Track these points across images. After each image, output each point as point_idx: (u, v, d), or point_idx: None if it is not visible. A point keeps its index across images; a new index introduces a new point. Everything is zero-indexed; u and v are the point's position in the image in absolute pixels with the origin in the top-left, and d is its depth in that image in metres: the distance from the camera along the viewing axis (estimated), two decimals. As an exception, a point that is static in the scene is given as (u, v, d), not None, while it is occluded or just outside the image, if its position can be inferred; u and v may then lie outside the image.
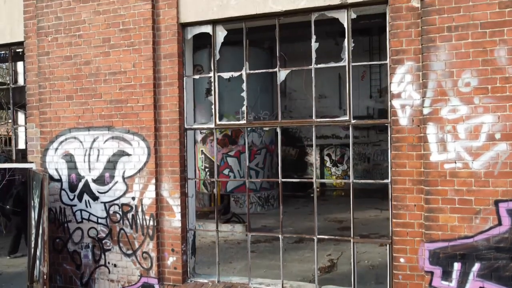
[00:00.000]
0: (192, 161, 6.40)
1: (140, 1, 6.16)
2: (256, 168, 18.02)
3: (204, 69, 16.17)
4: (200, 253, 8.59)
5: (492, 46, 4.76)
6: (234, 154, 17.68)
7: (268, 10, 5.71)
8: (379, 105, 23.05)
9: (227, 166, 17.78)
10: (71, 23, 6.55)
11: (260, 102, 17.70)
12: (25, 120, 7.06)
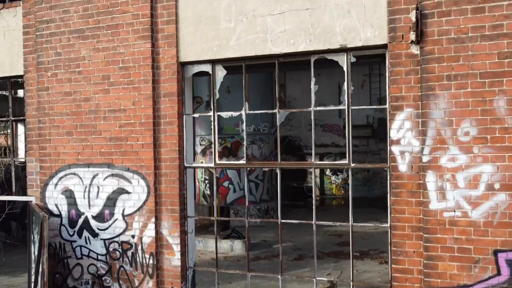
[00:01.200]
0: (192, 199, 6.41)
1: (139, 40, 6.17)
2: (256, 180, 18.02)
3: (203, 100, 16.12)
4: (200, 272, 8.58)
5: (492, 96, 4.77)
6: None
7: (267, 52, 5.72)
8: (378, 113, 23.05)
9: (227, 178, 17.78)
10: (71, 59, 6.55)
11: (260, 114, 17.70)
12: (24, 133, 7.07)
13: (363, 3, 5.33)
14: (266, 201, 17.95)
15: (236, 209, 17.47)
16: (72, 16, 6.53)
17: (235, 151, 17.60)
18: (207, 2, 5.98)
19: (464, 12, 4.84)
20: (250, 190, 17.18)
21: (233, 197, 17.42)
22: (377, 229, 14.90)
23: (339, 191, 24.10)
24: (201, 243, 11.98)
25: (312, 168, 5.85)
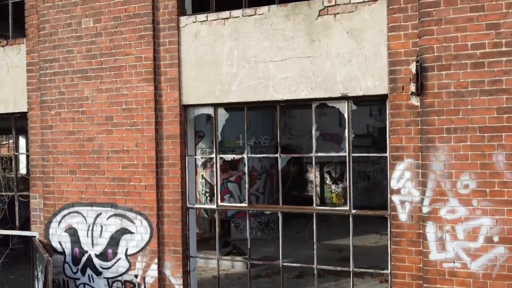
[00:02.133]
0: (194, 238, 6.48)
1: (142, 82, 6.24)
2: (256, 193, 18.06)
3: (205, 133, 16.04)
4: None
5: (491, 150, 4.83)
6: (235, 179, 17.73)
7: (269, 98, 5.79)
8: (379, 123, 23.10)
9: (228, 191, 17.82)
10: (74, 99, 6.61)
11: (261, 127, 17.75)
12: (26, 145, 7.09)
13: (363, 53, 5.39)
14: (267, 214, 18.03)
15: (236, 222, 17.54)
16: (76, 56, 6.59)
17: (236, 165, 17.67)
18: (209, 47, 6.05)
19: (463, 67, 4.90)
20: (251, 202, 17.23)
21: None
22: (377, 243, 14.96)
23: (339, 200, 24.17)
24: (202, 259, 12.05)
25: (313, 212, 5.92)
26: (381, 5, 5.32)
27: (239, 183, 17.68)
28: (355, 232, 5.84)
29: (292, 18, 5.67)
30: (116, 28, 6.36)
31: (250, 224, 17.31)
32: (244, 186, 17.51)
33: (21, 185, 7.93)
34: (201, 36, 6.08)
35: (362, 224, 16.67)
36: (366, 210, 6.04)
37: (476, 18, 4.86)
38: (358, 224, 6.18)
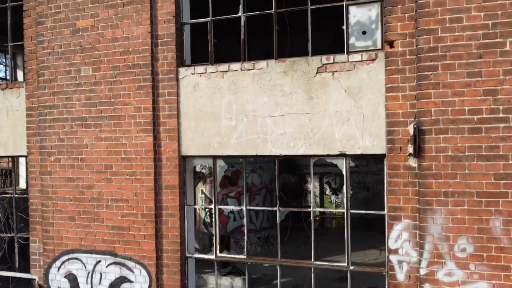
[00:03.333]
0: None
1: (141, 133, 6.26)
2: (256, 208, 18.07)
3: (204, 175, 15.96)
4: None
5: (488, 215, 4.85)
6: (234, 195, 17.74)
7: (267, 152, 5.81)
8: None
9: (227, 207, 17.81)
10: (74, 146, 6.64)
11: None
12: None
13: (361, 112, 5.42)
14: (266, 229, 18.03)
15: (236, 238, 17.56)
16: (75, 104, 6.62)
17: (235, 180, 17.67)
18: (208, 99, 6.07)
19: (461, 131, 4.92)
20: (250, 218, 17.25)
21: (234, 225, 17.46)
22: (376, 260, 14.97)
23: (338, 210, 24.15)
24: (201, 279, 12.07)
25: (311, 267, 5.94)
26: (379, 65, 5.34)
27: (239, 199, 17.71)
28: (353, 248, 5.81)
29: (290, 74, 5.69)
30: (115, 77, 6.38)
31: (250, 239, 17.32)
32: (243, 203, 17.49)
33: (21, 223, 7.95)
34: (200, 88, 6.10)
35: (362, 238, 16.63)
36: (364, 266, 6.06)
37: (473, 83, 4.88)
38: (356, 239, 6.10)
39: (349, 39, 5.59)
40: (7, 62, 7.19)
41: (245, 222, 6.35)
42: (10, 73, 7.38)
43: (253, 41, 7.28)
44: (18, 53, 11.71)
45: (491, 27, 4.82)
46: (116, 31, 6.37)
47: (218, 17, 6.24)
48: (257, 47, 11.33)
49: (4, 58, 15.42)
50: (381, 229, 11.01)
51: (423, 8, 5.02)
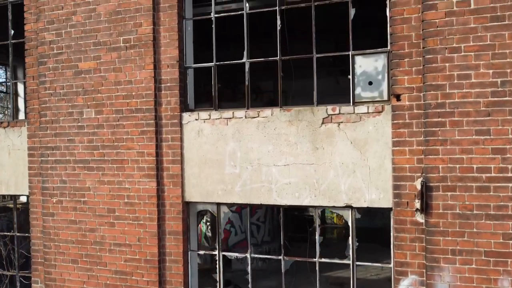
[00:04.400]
0: (197, 332, 6.46)
1: (145, 178, 6.20)
2: (257, 222, 17.99)
3: (208, 211, 15.78)
4: None
5: (496, 275, 4.79)
6: (236, 209, 17.69)
7: (272, 202, 5.75)
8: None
9: (229, 221, 17.75)
10: (76, 188, 6.58)
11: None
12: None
13: (368, 164, 5.36)
14: (268, 243, 17.97)
15: (237, 253, 17.48)
16: (77, 146, 6.56)
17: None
18: (212, 145, 6.01)
19: (469, 189, 4.86)
20: (252, 232, 17.18)
21: (235, 240, 17.41)
22: (378, 276, 14.90)
23: (340, 220, 24.07)
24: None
25: (316, 260, 5.90)
26: (386, 118, 5.28)
27: (240, 213, 17.67)
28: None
29: (295, 124, 5.63)
30: (118, 121, 6.32)
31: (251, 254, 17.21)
32: (245, 218, 17.46)
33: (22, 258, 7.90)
34: (204, 135, 6.04)
35: (362, 252, 16.55)
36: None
37: (482, 141, 4.82)
38: (358, 250, 5.96)
39: (355, 89, 5.53)
40: (8, 100, 7.07)
41: (249, 269, 6.28)
42: (12, 111, 7.29)
43: (258, 85, 7.26)
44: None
45: (500, 85, 4.75)
46: (119, 75, 6.31)
47: (222, 62, 6.18)
48: (262, 91, 11.32)
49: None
50: (381, 242, 10.77)
51: (431, 63, 4.96)
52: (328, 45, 10.91)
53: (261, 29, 8.18)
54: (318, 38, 5.78)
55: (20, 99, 10.55)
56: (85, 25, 6.48)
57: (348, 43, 5.55)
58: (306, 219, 22.02)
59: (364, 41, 6.25)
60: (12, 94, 7.28)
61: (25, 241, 7.53)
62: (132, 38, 6.23)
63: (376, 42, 6.49)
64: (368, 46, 5.54)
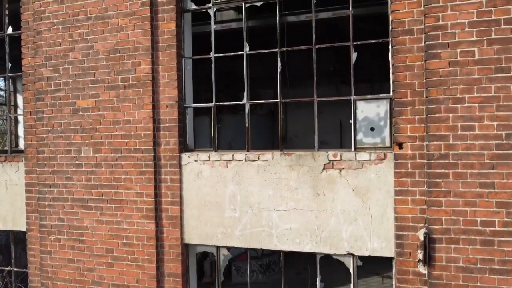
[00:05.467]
0: None
1: (143, 219, 6.12)
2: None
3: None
4: None
5: (501, 329, 4.71)
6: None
7: (272, 247, 5.68)
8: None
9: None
10: (74, 227, 6.50)
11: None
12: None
13: (369, 212, 5.28)
14: (268, 255, 17.91)
15: (238, 266, 17.42)
16: (75, 185, 6.48)
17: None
18: (211, 188, 5.93)
19: (473, 243, 4.78)
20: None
21: (235, 252, 17.34)
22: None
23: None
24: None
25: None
26: (388, 166, 5.20)
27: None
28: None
29: (296, 169, 5.55)
30: (117, 160, 6.24)
31: (251, 267, 17.17)
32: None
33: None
34: (203, 176, 5.96)
35: (362, 266, 16.44)
36: None
37: (486, 194, 4.73)
38: (357, 267, 5.88)
39: (356, 135, 5.45)
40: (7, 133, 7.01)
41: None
42: (9, 145, 7.22)
43: (259, 128, 7.21)
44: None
45: (505, 138, 4.66)
46: (118, 114, 6.23)
47: (222, 103, 6.11)
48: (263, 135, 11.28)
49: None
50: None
51: (434, 113, 4.87)
52: (330, 90, 10.99)
53: (262, 68, 8.13)
54: (320, 80, 5.70)
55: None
56: (83, 62, 6.40)
57: (350, 87, 5.47)
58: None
59: (367, 86, 6.19)
60: (10, 128, 7.21)
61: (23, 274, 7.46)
62: (130, 77, 6.15)
63: (379, 87, 6.44)
64: (370, 91, 5.46)
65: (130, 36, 6.13)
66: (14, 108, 13.54)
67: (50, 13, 6.57)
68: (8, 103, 7.02)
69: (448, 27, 4.83)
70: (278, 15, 5.77)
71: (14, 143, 13.43)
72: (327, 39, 6.37)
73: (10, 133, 7.20)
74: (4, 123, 18.65)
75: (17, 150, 7.52)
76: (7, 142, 7.20)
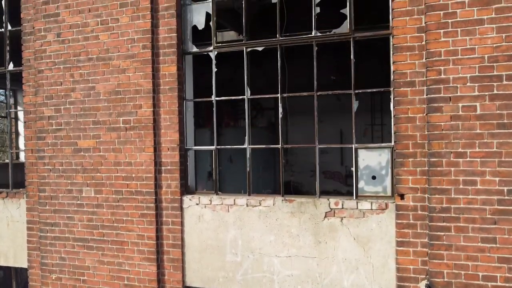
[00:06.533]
0: None
1: (145, 261, 6.12)
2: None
3: None
4: None
5: None
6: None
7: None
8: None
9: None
10: (75, 267, 6.50)
11: (262, 180, 17.57)
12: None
13: (371, 262, 5.27)
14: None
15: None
16: (77, 224, 6.48)
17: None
18: (213, 232, 5.93)
19: (474, 297, 4.78)
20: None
21: None
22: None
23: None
24: None
25: None
26: (390, 216, 5.20)
27: None
28: None
29: (297, 216, 5.55)
30: (118, 202, 6.24)
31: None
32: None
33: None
34: (204, 220, 5.96)
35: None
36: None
37: (487, 249, 4.73)
38: None
39: (358, 183, 5.44)
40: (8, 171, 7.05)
41: None
42: (10, 181, 7.22)
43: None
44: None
45: (507, 194, 4.67)
46: (119, 155, 6.23)
47: (223, 146, 6.10)
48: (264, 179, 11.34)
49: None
50: None
51: (436, 166, 4.87)
52: (334, 138, 11.07)
53: (263, 111, 8.16)
54: (321, 127, 5.70)
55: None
56: (84, 102, 6.40)
57: (352, 135, 5.47)
58: None
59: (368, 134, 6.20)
60: (11, 162, 7.21)
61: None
62: (132, 119, 6.14)
63: (380, 135, 6.45)
64: (372, 139, 5.44)
65: (132, 78, 6.13)
66: (15, 122, 13.57)
67: (51, 52, 6.56)
68: (10, 143, 7.01)
69: (450, 81, 4.83)
70: (280, 60, 5.77)
71: (15, 156, 13.47)
72: (329, 82, 6.37)
73: (11, 168, 7.17)
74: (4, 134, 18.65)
75: (18, 184, 7.50)
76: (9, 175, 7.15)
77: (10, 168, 7.26)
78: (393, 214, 5.17)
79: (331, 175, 24.31)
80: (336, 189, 13.52)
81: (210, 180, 6.17)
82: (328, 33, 5.54)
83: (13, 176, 7.31)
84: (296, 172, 12.70)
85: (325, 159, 20.74)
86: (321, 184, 5.69)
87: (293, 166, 12.49)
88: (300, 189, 12.13)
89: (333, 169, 23.66)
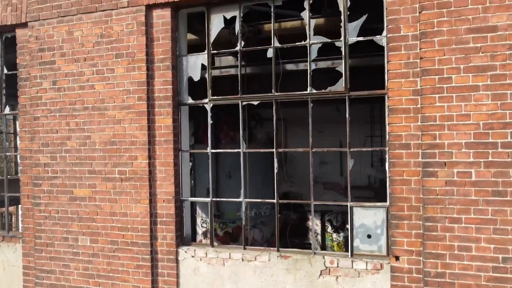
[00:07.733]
0: None
1: (140, 312, 6.12)
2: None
3: None
4: None
5: None
6: None
7: None
8: (380, 174, 22.86)
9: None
10: (72, 314, 6.50)
11: (262, 196, 17.55)
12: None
13: (366, 322, 5.26)
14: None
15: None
16: (73, 272, 6.47)
17: (236, 237, 17.50)
18: (208, 285, 5.91)
19: None
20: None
21: None
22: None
23: (340, 249, 24.04)
24: None
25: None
26: (385, 277, 5.18)
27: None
28: None
29: (293, 273, 5.54)
30: (114, 252, 6.23)
31: None
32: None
33: None
34: (200, 273, 5.95)
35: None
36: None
37: (482, 316, 4.72)
38: None
39: (353, 241, 5.43)
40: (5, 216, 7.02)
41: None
42: (6, 224, 7.21)
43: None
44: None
45: (502, 261, 4.66)
46: (114, 206, 6.22)
47: (218, 199, 6.11)
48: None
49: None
50: None
51: (431, 231, 4.87)
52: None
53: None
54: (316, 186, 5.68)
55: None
56: (80, 151, 6.38)
57: (347, 194, 5.46)
58: None
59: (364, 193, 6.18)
60: (7, 209, 7.21)
61: None
62: (127, 170, 6.13)
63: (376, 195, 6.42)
64: (367, 198, 5.43)
65: (127, 129, 6.12)
66: (14, 137, 13.57)
67: (47, 99, 6.55)
68: (7, 186, 7.01)
69: (445, 146, 4.82)
70: (275, 114, 5.76)
71: (13, 170, 13.47)
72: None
73: (7, 220, 7.16)
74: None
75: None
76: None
77: (6, 212, 7.25)
78: (388, 275, 5.16)
79: (330, 186, 24.28)
80: (336, 199, 13.55)
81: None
82: (324, 91, 5.53)
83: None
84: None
85: (324, 169, 20.90)
86: (321, 195, 5.69)
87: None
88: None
89: (332, 180, 23.61)
